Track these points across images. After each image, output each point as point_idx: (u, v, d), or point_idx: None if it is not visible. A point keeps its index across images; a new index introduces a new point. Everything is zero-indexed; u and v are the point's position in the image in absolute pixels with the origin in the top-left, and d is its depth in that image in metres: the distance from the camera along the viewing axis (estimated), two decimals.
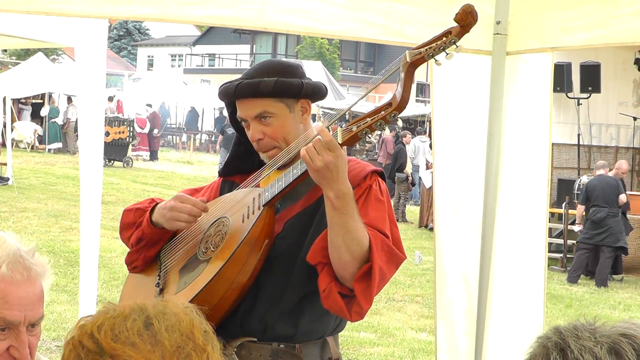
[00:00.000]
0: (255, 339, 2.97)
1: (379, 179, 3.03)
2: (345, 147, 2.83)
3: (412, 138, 23.87)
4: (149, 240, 3.16)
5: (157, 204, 3.16)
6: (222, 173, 3.31)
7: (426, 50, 2.80)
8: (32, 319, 2.13)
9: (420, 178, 21.46)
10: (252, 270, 2.91)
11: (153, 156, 33.04)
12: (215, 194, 3.26)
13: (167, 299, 1.79)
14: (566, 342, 1.70)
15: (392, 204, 20.66)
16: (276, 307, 2.97)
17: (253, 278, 2.93)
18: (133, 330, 1.66)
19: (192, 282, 2.93)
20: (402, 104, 2.73)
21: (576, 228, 15.04)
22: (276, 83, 2.98)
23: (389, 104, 2.75)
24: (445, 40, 2.79)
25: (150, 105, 35.47)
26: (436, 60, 2.84)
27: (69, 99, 31.99)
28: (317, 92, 3.09)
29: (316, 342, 3.04)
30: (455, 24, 2.80)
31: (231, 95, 3.04)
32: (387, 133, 25.95)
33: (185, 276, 3.01)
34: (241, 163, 3.22)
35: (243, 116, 3.05)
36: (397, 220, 19.59)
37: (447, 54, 2.80)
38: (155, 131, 33.31)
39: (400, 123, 30.54)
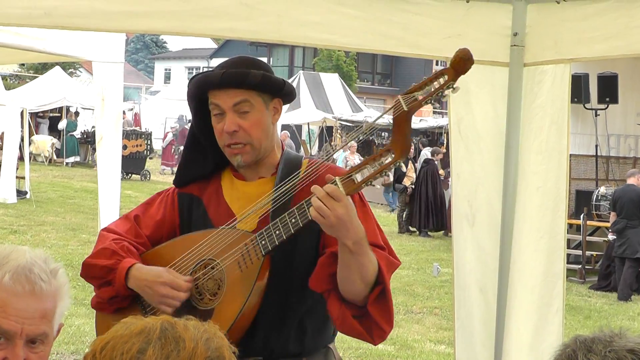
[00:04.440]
0: (261, 358, 2.94)
1: None
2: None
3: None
4: (126, 297, 3.02)
5: (130, 265, 2.97)
6: (177, 183, 3.18)
7: (422, 96, 2.67)
8: (30, 333, 2.11)
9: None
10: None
11: None
12: (172, 210, 3.14)
13: (188, 318, 1.77)
14: (575, 354, 1.80)
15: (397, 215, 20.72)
16: (280, 330, 2.95)
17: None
18: (127, 355, 1.67)
19: None
20: (405, 153, 2.62)
21: (610, 237, 14.93)
22: (263, 77, 2.94)
23: (389, 150, 2.63)
24: (443, 85, 2.68)
25: (181, 119, 35.44)
26: (432, 103, 2.73)
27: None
28: (290, 94, 3.05)
29: (321, 352, 3.05)
30: (450, 68, 2.68)
31: (214, 84, 2.94)
32: None
33: None
34: (195, 167, 3.13)
35: (221, 104, 2.94)
36: (400, 231, 19.48)
37: (444, 97, 2.71)
38: None
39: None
